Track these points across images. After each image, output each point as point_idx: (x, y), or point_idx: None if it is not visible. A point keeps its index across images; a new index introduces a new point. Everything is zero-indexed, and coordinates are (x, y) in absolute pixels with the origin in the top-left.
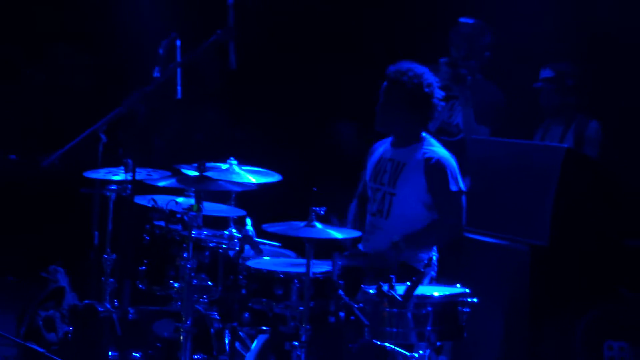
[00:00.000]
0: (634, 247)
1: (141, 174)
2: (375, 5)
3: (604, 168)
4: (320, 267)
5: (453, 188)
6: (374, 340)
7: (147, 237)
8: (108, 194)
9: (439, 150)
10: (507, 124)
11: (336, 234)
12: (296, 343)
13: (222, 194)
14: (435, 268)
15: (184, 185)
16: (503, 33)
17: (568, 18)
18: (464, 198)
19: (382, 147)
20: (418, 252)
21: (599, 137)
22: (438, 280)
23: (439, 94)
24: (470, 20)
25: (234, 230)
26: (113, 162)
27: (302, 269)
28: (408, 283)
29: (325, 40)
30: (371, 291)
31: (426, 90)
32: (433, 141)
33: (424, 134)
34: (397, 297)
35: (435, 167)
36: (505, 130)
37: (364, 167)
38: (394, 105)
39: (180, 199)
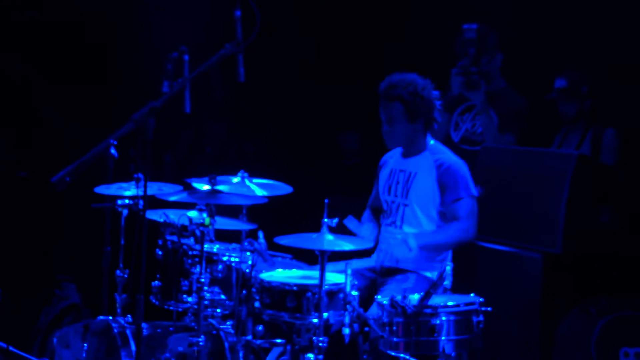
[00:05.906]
0: None
1: (152, 189)
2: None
3: (617, 174)
4: (333, 277)
5: (465, 193)
6: (389, 352)
7: (160, 252)
8: (120, 209)
9: (449, 156)
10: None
11: (349, 244)
12: (311, 355)
13: (233, 207)
14: (450, 278)
15: (196, 200)
16: (516, 41)
17: (581, 24)
18: (476, 203)
19: (393, 159)
20: (431, 259)
21: (615, 144)
22: (452, 291)
23: (435, 94)
24: (473, 25)
25: (246, 244)
26: (124, 178)
27: (315, 281)
28: (422, 293)
29: (331, 53)
30: (385, 302)
31: (422, 93)
32: (442, 147)
33: (432, 141)
34: (411, 307)
35: (447, 172)
36: (525, 137)
37: (375, 178)
38: (397, 120)
39: (191, 213)
